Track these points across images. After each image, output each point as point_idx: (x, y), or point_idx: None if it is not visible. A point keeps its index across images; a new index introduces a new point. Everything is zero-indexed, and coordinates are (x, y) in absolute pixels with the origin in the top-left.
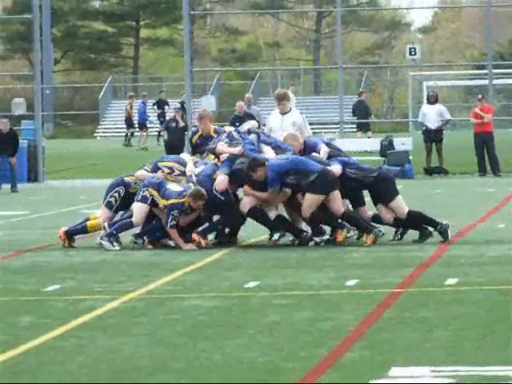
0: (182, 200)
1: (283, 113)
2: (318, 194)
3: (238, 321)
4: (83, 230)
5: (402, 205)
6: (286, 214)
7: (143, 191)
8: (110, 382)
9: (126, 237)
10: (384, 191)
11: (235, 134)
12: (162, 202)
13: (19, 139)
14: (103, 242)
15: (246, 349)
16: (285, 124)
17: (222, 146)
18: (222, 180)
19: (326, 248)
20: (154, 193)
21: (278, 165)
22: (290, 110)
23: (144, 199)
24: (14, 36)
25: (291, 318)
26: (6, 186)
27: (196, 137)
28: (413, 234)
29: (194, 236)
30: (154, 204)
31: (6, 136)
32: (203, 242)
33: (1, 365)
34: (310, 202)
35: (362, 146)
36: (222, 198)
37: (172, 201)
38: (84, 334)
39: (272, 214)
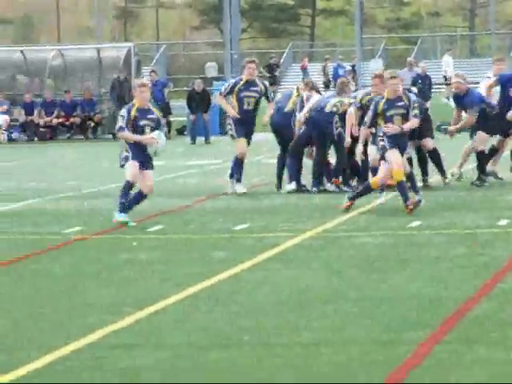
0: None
1: None
2: None
3: (403, 255)
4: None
5: None
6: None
7: None
8: (293, 308)
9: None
10: None
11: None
12: None
13: (211, 98)
14: None
15: (410, 280)
16: None
17: None
18: None
19: (483, 191)
20: None
21: None
22: None
23: None
24: (207, 8)
25: (450, 253)
26: (201, 139)
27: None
28: None
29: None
30: None
31: (200, 95)
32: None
33: (200, 293)
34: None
35: None
36: None
37: None
38: (269, 266)
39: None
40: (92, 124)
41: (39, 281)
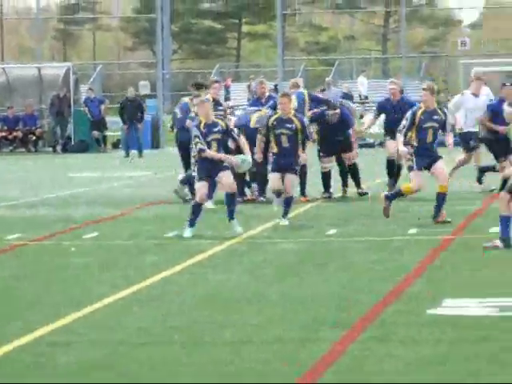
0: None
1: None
2: None
3: (320, 261)
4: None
5: None
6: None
7: None
8: (218, 309)
9: None
10: None
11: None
12: None
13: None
14: None
15: (326, 284)
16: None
17: None
18: None
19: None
20: None
21: None
22: None
23: None
24: (141, 31)
25: (364, 259)
26: (134, 151)
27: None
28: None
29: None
30: None
31: (132, 103)
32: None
33: (132, 295)
34: None
35: None
36: None
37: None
38: (197, 270)
39: None
40: (33, 138)
41: None
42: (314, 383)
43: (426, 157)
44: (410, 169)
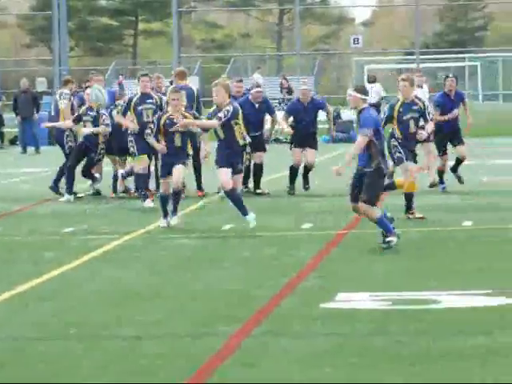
0: None
1: None
2: None
3: (216, 255)
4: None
5: None
6: None
7: None
8: (116, 304)
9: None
10: None
11: None
12: None
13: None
14: None
15: (222, 279)
16: None
17: None
18: None
19: (289, 198)
20: None
21: None
22: None
23: None
24: (38, 29)
25: (259, 254)
26: (31, 148)
27: None
28: None
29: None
30: None
31: (26, 94)
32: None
33: (29, 290)
34: None
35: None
36: None
37: None
38: (94, 265)
39: None
40: None
41: None
42: (204, 383)
43: (411, 147)
44: (400, 161)
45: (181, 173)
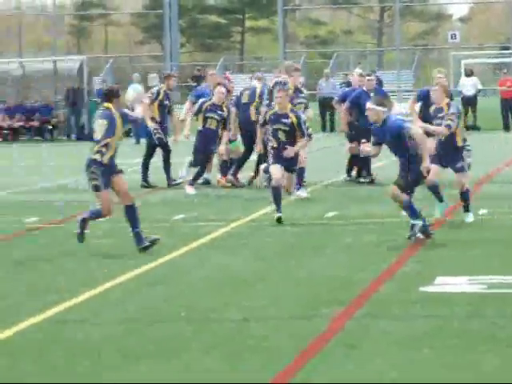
0: None
1: None
2: None
3: (319, 242)
4: None
5: None
6: None
7: None
8: (223, 289)
9: None
10: None
11: None
12: None
13: None
14: None
15: (325, 265)
16: None
17: None
18: None
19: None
20: None
21: None
22: None
23: None
24: (150, 26)
25: (360, 240)
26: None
27: None
28: None
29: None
30: None
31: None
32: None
33: (143, 275)
34: None
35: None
36: None
37: None
38: (203, 252)
39: None
40: (49, 127)
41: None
42: (307, 363)
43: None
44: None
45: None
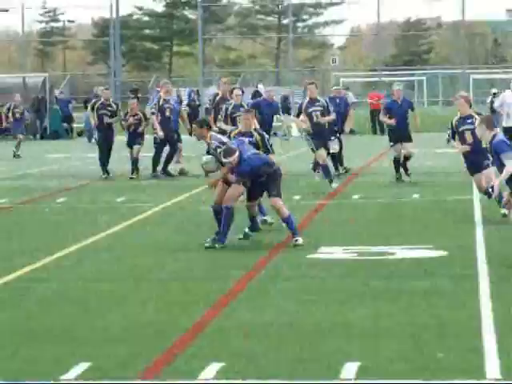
0: None
1: None
2: None
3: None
4: None
5: None
6: None
7: None
8: (155, 254)
9: None
10: None
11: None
12: None
13: None
14: None
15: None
16: None
17: None
18: None
19: None
20: None
21: None
22: None
23: None
24: (98, 50)
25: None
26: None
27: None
28: None
29: None
30: None
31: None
32: None
33: (89, 244)
34: None
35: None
36: None
37: None
38: (138, 226)
39: None
40: None
41: None
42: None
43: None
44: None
45: None
